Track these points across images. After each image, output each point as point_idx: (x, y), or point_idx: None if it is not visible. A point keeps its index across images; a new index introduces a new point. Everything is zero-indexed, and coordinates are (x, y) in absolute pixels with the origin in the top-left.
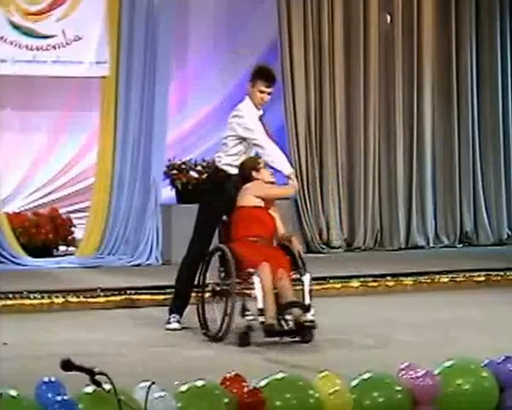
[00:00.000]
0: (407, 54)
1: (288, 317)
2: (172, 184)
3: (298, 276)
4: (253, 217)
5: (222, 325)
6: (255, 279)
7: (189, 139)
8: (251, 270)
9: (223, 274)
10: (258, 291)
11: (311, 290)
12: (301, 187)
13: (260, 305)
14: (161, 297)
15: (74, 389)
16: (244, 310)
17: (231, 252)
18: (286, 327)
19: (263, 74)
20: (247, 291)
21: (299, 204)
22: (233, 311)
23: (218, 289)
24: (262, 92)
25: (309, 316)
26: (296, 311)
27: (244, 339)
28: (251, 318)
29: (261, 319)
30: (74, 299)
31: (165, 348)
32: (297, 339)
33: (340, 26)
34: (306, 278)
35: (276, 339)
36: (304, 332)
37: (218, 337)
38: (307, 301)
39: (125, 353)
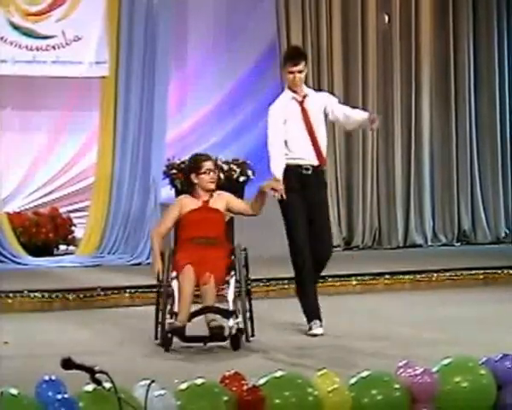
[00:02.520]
0: (405, 54)
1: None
2: (172, 183)
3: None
4: (197, 219)
5: (156, 330)
6: (174, 282)
7: (188, 138)
8: (174, 273)
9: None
10: (175, 295)
11: (249, 296)
12: None
13: (175, 308)
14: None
15: (75, 387)
16: (165, 313)
17: (170, 255)
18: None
19: (287, 56)
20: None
21: None
22: (163, 314)
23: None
24: (291, 73)
25: (230, 323)
26: (208, 316)
27: (166, 342)
28: (170, 321)
29: (172, 321)
30: (74, 298)
31: None
32: (221, 344)
33: (338, 27)
34: (231, 282)
35: (196, 344)
36: (211, 338)
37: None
38: (230, 306)
39: (125, 351)
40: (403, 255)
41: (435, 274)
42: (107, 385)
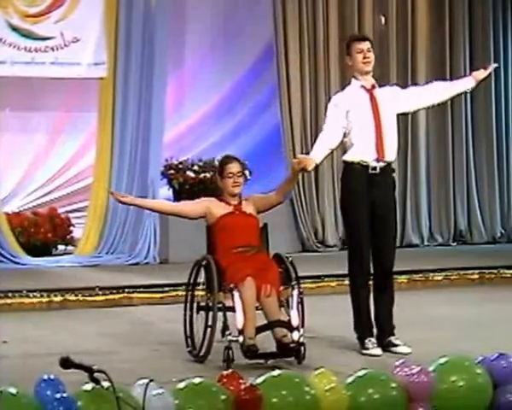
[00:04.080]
0: (401, 55)
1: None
2: (170, 183)
3: (290, 290)
4: (236, 224)
5: (202, 344)
6: (235, 295)
7: (186, 139)
8: (232, 285)
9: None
10: (237, 309)
11: (302, 307)
12: (297, 187)
13: (240, 324)
14: (159, 296)
15: (73, 386)
16: (225, 328)
17: (216, 264)
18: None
19: (352, 38)
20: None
21: (295, 203)
22: (213, 329)
23: (202, 304)
24: (361, 51)
25: (295, 336)
26: (278, 331)
27: (226, 360)
28: (230, 338)
29: (240, 339)
30: (73, 297)
31: (163, 345)
32: (286, 360)
33: (334, 28)
34: (295, 295)
35: (261, 361)
36: (287, 354)
37: (199, 358)
38: (293, 320)
39: (123, 350)
40: (399, 255)
41: (431, 274)
42: (106, 384)
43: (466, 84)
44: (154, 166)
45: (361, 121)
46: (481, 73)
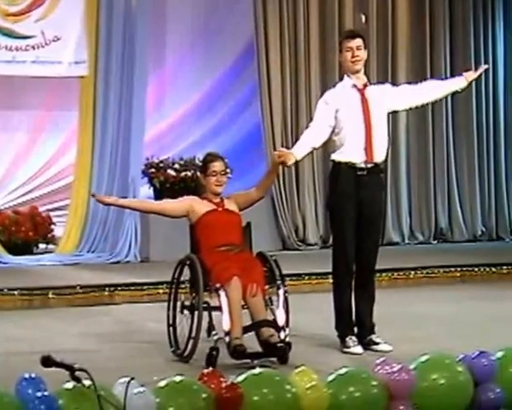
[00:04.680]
0: (381, 53)
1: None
2: (150, 182)
3: (274, 289)
4: (219, 222)
5: (187, 344)
6: (222, 295)
7: (167, 138)
8: (218, 285)
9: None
10: (224, 309)
11: (287, 306)
12: (277, 184)
13: (226, 325)
14: (140, 294)
15: (54, 385)
16: (210, 328)
17: (201, 263)
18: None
19: (344, 35)
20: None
21: (276, 201)
22: (199, 329)
23: (186, 303)
24: (350, 49)
25: (281, 336)
26: (265, 331)
27: (210, 360)
28: (216, 338)
29: (227, 339)
30: (54, 296)
31: (144, 344)
32: (269, 360)
33: (315, 26)
34: (280, 294)
35: (247, 361)
36: (274, 354)
37: (183, 358)
38: (280, 319)
39: (105, 349)
40: (380, 253)
41: (412, 272)
42: (87, 383)
43: (458, 83)
44: (134, 165)
45: (351, 122)
46: (472, 74)
